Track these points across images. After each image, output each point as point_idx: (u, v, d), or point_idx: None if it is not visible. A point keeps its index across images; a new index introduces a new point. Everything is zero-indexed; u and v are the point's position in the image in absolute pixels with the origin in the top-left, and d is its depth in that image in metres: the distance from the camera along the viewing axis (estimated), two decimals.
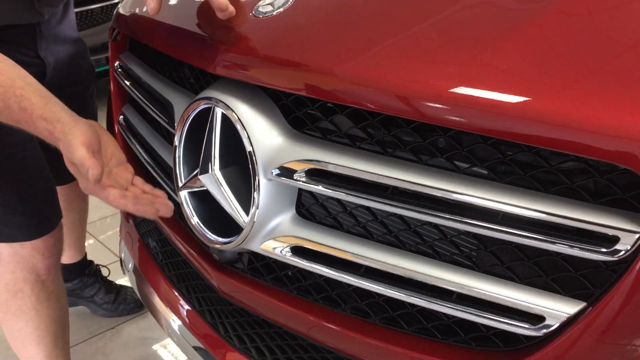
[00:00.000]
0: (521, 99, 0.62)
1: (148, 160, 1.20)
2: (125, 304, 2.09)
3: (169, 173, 1.12)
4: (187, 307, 1.15)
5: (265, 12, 0.90)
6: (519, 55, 0.66)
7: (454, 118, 0.66)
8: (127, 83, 1.27)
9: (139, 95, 1.20)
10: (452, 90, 0.66)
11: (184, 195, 0.98)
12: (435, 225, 0.76)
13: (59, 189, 1.59)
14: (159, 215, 0.95)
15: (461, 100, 0.65)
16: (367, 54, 0.76)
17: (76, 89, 1.56)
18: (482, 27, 0.73)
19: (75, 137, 0.85)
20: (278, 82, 0.83)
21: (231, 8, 0.91)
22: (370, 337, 0.81)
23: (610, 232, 0.60)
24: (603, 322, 0.62)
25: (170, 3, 1.13)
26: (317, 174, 0.80)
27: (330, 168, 0.78)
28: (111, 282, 2.13)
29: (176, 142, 0.98)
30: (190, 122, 0.96)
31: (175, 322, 1.17)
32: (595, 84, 0.61)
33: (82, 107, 1.40)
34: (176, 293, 1.18)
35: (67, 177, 1.75)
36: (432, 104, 0.67)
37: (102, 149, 0.90)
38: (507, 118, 0.62)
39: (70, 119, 0.89)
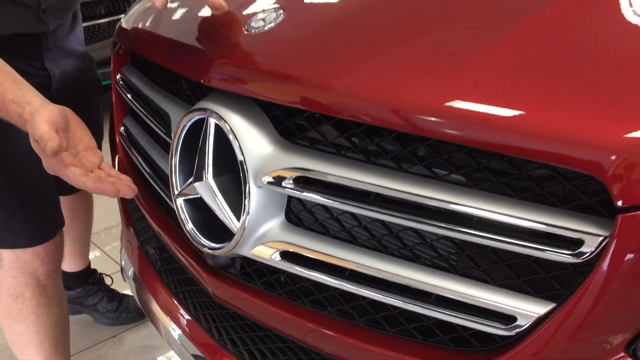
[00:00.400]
0: (499, 111, 0.66)
1: (147, 169, 1.24)
2: (127, 313, 2.12)
3: (166, 181, 1.15)
4: (184, 314, 1.18)
5: (257, 27, 0.94)
6: (499, 70, 0.70)
7: (440, 130, 0.69)
8: (128, 95, 1.31)
9: (138, 106, 1.24)
10: (438, 103, 0.69)
11: (179, 202, 1.02)
12: (415, 230, 0.79)
13: (64, 198, 1.63)
14: (120, 196, 0.96)
15: (447, 113, 0.68)
16: (354, 67, 0.80)
17: (81, 101, 1.61)
18: (457, 41, 0.77)
19: (39, 115, 0.89)
20: (268, 94, 0.87)
21: (224, 4, 0.98)
22: (354, 338, 0.84)
23: (575, 235, 0.63)
24: (571, 321, 0.65)
25: (167, 18, 1.17)
26: (304, 182, 0.83)
27: (317, 176, 0.82)
28: (114, 290, 2.16)
29: (172, 152, 1.01)
30: (186, 132, 1.00)
31: (173, 330, 1.20)
32: (563, 95, 0.65)
33: (87, 120, 1.44)
34: (174, 300, 1.21)
35: (73, 187, 1.80)
36: (422, 117, 0.70)
37: (70, 132, 0.93)
38: (494, 130, 0.66)
39: (40, 102, 0.93)
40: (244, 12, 1.01)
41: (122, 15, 3.96)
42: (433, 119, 0.70)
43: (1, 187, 1.36)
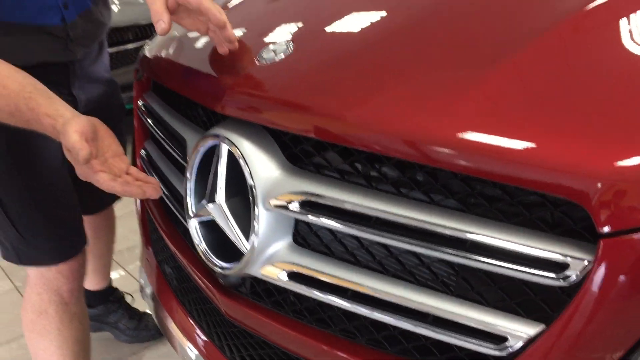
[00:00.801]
0: (490, 142, 0.70)
1: (164, 191, 1.29)
2: (146, 331, 2.17)
3: (182, 203, 1.20)
4: (199, 333, 1.22)
5: (268, 58, 0.99)
6: (494, 103, 0.74)
7: (438, 159, 0.73)
8: (149, 120, 1.37)
9: (158, 132, 1.30)
10: (440, 135, 0.73)
11: (193, 223, 1.07)
12: (414, 252, 0.83)
13: (87, 218, 1.69)
14: (146, 197, 1.04)
15: (447, 144, 0.72)
16: (382, 98, 0.83)
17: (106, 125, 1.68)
18: (457, 75, 0.81)
19: (71, 126, 0.97)
20: (278, 122, 0.92)
21: (236, 42, 1.05)
22: (357, 357, 0.87)
23: (561, 259, 0.66)
24: (560, 341, 0.68)
25: (184, 48, 1.23)
26: (310, 205, 0.87)
27: (322, 200, 0.86)
28: (134, 309, 2.21)
29: (187, 175, 1.07)
30: (200, 156, 1.05)
31: (189, 349, 1.24)
32: (553, 125, 0.68)
33: None
34: (189, 319, 1.25)
35: (96, 207, 1.87)
36: (423, 146, 0.74)
37: (99, 141, 1.02)
38: (485, 160, 0.70)
39: (71, 114, 1.02)
40: (256, 43, 1.07)
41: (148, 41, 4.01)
42: (432, 148, 0.73)
43: (27, 206, 1.43)
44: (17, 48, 1.38)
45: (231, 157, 0.98)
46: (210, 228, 1.06)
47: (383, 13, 1.02)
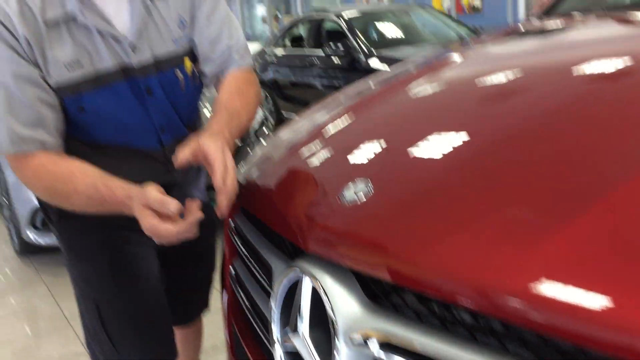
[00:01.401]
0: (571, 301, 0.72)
1: (251, 311, 1.37)
2: None
3: (267, 326, 1.26)
4: None
5: (349, 199, 1.06)
6: (572, 254, 0.76)
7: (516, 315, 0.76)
8: (238, 241, 1.47)
9: (246, 254, 1.39)
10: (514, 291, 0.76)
11: (278, 352, 1.12)
12: None
13: (178, 329, 1.78)
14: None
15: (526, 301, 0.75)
16: (454, 245, 0.87)
17: (199, 245, 1.76)
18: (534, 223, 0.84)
19: (150, 186, 1.21)
20: (355, 262, 0.98)
21: (224, 211, 1.29)
22: None
23: None
24: None
25: (270, 180, 1.34)
26: (386, 345, 0.91)
27: (397, 340, 0.90)
28: None
29: (272, 304, 1.13)
30: (285, 288, 1.12)
31: None
32: (620, 285, 0.70)
33: (200, 257, 1.60)
34: None
35: (187, 319, 1.96)
36: (497, 303, 0.77)
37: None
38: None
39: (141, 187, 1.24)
40: (336, 181, 1.14)
41: (239, 144, 4.20)
42: (501, 303, 0.77)
43: (125, 322, 1.53)
44: (119, 170, 1.51)
45: (314, 290, 1.04)
46: (294, 355, 1.11)
47: (463, 151, 1.07)
